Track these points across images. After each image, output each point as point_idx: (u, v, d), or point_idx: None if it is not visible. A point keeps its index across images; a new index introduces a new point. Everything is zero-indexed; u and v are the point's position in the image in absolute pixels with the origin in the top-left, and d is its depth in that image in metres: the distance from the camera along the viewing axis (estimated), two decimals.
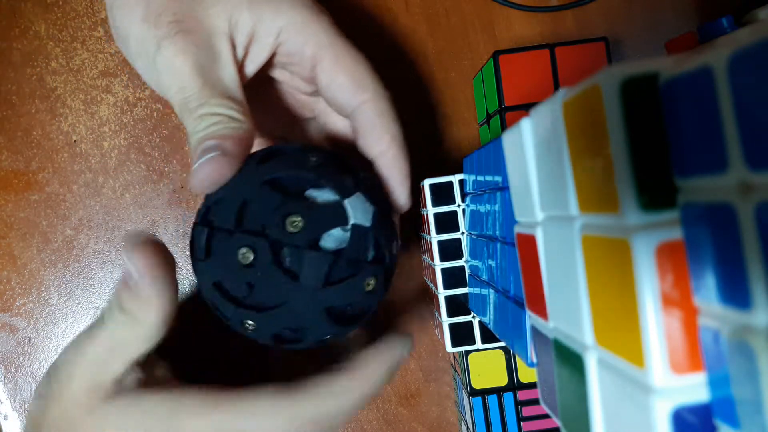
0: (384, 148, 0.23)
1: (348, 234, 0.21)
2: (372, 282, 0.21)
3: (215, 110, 0.21)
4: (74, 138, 0.32)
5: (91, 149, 0.32)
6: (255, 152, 0.22)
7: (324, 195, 0.21)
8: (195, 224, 0.22)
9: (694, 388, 0.11)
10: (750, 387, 0.10)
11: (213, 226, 0.21)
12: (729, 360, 0.10)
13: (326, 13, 0.24)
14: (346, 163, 0.22)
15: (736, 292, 0.10)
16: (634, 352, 0.12)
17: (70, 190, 0.32)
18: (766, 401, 0.09)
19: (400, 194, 0.24)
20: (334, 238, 0.20)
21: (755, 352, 0.10)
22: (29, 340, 0.32)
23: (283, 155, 0.22)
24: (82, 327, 0.32)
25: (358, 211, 0.21)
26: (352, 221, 0.21)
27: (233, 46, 0.22)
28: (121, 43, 0.23)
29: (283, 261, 0.20)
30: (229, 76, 0.22)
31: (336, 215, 0.21)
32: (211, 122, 0.21)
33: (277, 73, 0.26)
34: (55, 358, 0.22)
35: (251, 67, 0.23)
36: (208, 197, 0.22)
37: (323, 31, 0.23)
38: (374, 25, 0.33)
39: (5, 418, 0.32)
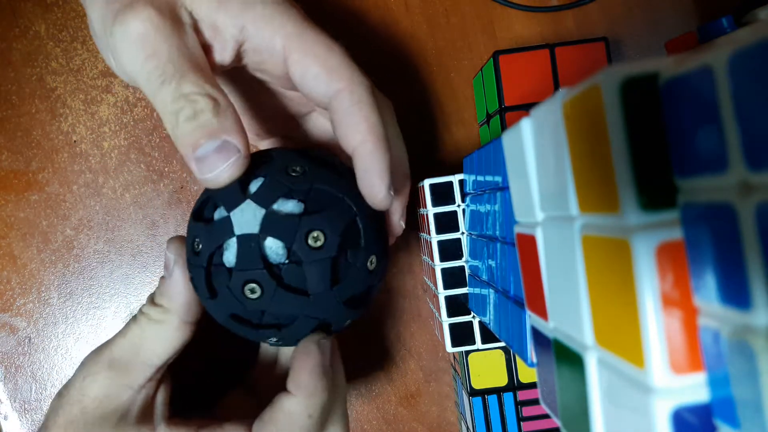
0: (361, 139, 0.21)
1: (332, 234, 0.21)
2: (373, 260, 0.22)
3: (196, 89, 0.19)
4: (74, 138, 0.32)
5: (91, 149, 0.32)
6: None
7: (289, 206, 0.21)
8: (189, 264, 0.22)
9: (694, 388, 0.11)
10: (750, 387, 0.10)
11: (210, 265, 0.21)
12: (729, 360, 0.10)
13: (296, 6, 0.23)
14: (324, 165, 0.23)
15: (736, 292, 0.10)
16: (634, 352, 0.12)
17: (70, 190, 0.32)
18: (766, 401, 0.09)
19: (378, 189, 0.22)
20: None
21: (755, 352, 0.10)
22: (29, 340, 0.32)
23: (266, 176, 0.22)
24: (82, 327, 0.32)
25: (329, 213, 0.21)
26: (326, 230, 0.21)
27: (195, 24, 0.21)
28: (93, 34, 0.22)
29: (287, 282, 0.21)
30: (196, 48, 0.20)
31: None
32: (196, 109, 0.19)
33: (260, 74, 0.25)
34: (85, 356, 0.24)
35: (219, 59, 0.22)
36: (193, 228, 0.22)
37: (291, 22, 0.22)
38: (374, 26, 0.33)
39: (5, 418, 0.32)
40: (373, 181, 0.21)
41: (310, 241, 0.21)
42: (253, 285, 0.20)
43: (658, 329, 0.11)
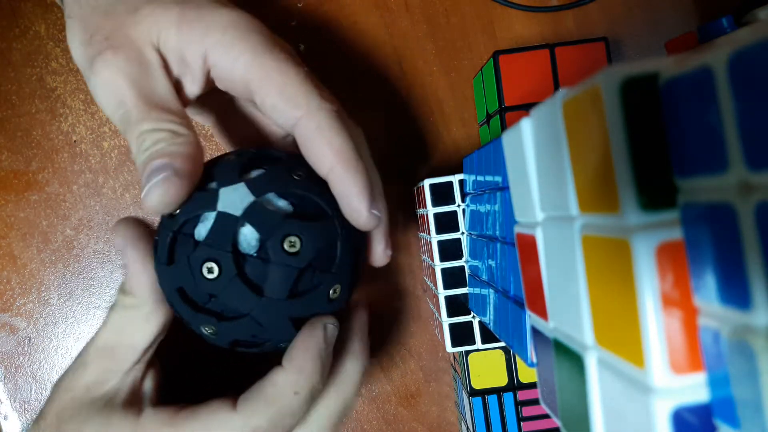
0: (329, 165, 0.21)
1: (310, 242, 0.21)
2: (337, 289, 0.22)
3: (157, 125, 0.20)
4: (74, 138, 0.32)
5: (91, 149, 0.32)
6: (235, 157, 0.22)
7: (280, 203, 0.21)
8: (160, 225, 0.22)
9: (694, 388, 0.11)
10: (750, 387, 0.10)
11: (178, 232, 0.21)
12: (729, 360, 0.10)
13: (257, 29, 0.22)
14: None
15: (736, 292, 0.10)
16: (634, 352, 0.12)
17: (70, 190, 0.32)
18: (766, 401, 0.09)
19: (358, 212, 0.21)
20: (290, 244, 0.20)
21: (755, 352, 0.10)
22: (29, 340, 0.32)
23: (268, 169, 0.22)
24: (82, 327, 0.32)
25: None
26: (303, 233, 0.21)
27: (164, 61, 0.22)
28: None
29: (248, 275, 0.20)
30: (163, 87, 0.21)
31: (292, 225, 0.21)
32: (154, 139, 0.20)
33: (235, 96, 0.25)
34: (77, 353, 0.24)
35: (191, 90, 0.23)
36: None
37: (250, 50, 0.22)
38: (374, 26, 0.33)
39: (5, 418, 0.32)
40: (352, 205, 0.22)
41: (286, 245, 0.20)
42: (213, 264, 0.20)
43: (658, 329, 0.11)
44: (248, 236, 0.20)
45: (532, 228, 0.17)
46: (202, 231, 0.20)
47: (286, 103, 0.21)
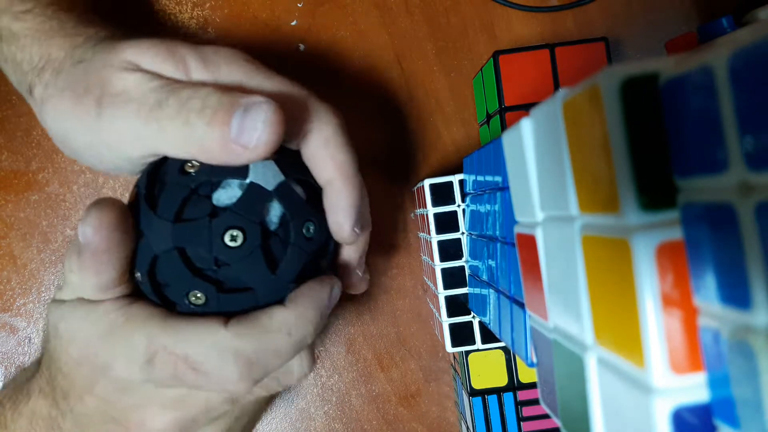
0: (328, 177, 0.22)
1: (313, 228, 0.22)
2: (310, 227, 0.22)
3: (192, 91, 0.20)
4: None
5: None
6: None
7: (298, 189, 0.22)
8: (156, 179, 0.21)
9: (694, 388, 0.11)
10: (750, 387, 0.10)
11: (195, 192, 0.20)
12: (729, 360, 0.10)
13: (245, 58, 0.22)
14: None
15: (736, 292, 0.10)
16: (634, 352, 0.12)
17: (70, 190, 0.32)
18: (766, 401, 0.09)
19: (343, 226, 0.22)
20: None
21: (755, 352, 0.10)
22: (29, 340, 0.32)
23: (285, 154, 0.22)
24: None
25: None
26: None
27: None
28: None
29: (269, 250, 0.20)
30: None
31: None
32: (200, 99, 0.20)
33: None
34: None
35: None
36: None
37: (249, 75, 0.22)
38: (374, 26, 0.33)
39: None
40: (339, 219, 0.22)
41: (304, 229, 0.21)
42: (238, 233, 0.20)
43: (658, 329, 0.11)
44: (274, 212, 0.21)
45: (532, 228, 0.17)
46: (222, 197, 0.20)
47: (294, 121, 0.22)
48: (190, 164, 0.21)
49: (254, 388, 0.22)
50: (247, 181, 0.20)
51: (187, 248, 0.20)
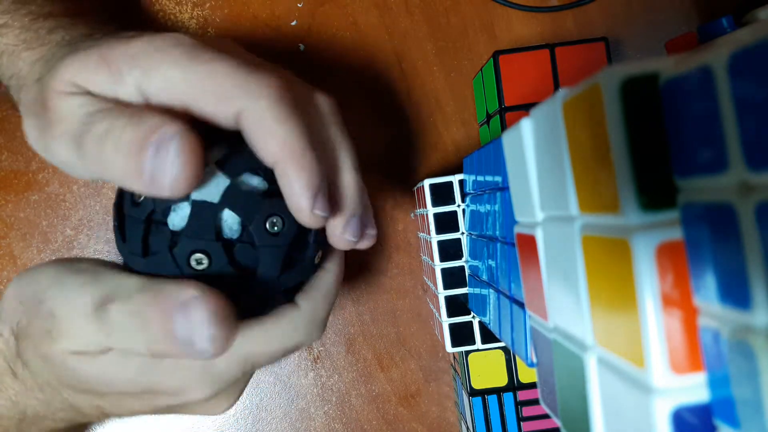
0: (272, 159, 0.19)
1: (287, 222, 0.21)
2: (320, 254, 0.23)
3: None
4: None
5: None
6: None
7: (254, 181, 0.20)
8: (121, 211, 0.20)
9: (694, 388, 0.11)
10: (750, 387, 0.10)
11: (150, 221, 0.20)
12: (729, 360, 0.10)
13: (176, 43, 0.20)
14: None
15: (736, 292, 0.10)
16: (634, 352, 0.12)
17: (70, 190, 0.32)
18: (766, 401, 0.09)
19: (301, 209, 0.20)
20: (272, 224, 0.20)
21: (755, 352, 0.10)
22: None
23: (231, 145, 0.21)
24: None
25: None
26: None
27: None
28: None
29: (238, 260, 0.20)
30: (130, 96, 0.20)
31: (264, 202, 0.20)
32: (108, 125, 0.19)
33: None
34: None
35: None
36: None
37: (174, 67, 0.20)
38: (374, 26, 0.33)
39: None
40: (294, 201, 0.20)
41: (268, 225, 0.20)
42: (201, 256, 0.19)
43: (658, 329, 0.11)
44: (229, 222, 0.20)
45: (532, 228, 0.17)
46: (176, 220, 0.19)
47: (224, 104, 0.19)
48: (137, 194, 0.20)
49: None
50: (191, 199, 0.19)
51: (169, 275, 0.20)
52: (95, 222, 0.32)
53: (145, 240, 0.20)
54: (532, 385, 0.27)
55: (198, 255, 0.19)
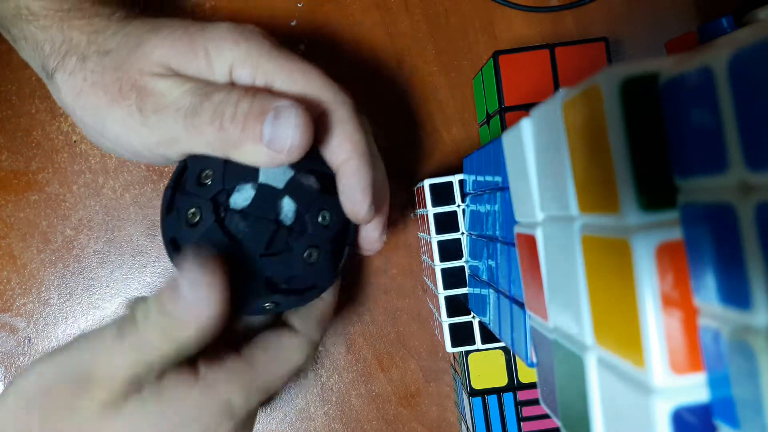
0: (345, 157, 0.22)
1: (291, 203, 0.22)
2: (314, 254, 0.22)
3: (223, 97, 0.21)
4: (74, 138, 0.32)
5: (91, 149, 0.32)
6: None
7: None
8: (183, 190, 0.22)
9: (694, 388, 0.11)
10: (750, 387, 0.10)
11: (178, 186, 0.22)
12: (729, 360, 0.10)
13: (264, 35, 0.23)
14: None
15: (736, 292, 0.10)
16: (634, 352, 0.12)
17: (70, 190, 0.32)
18: (766, 401, 0.09)
19: (360, 205, 0.22)
20: (280, 207, 0.22)
21: (755, 352, 0.10)
22: (29, 340, 0.32)
23: None
24: (82, 327, 0.32)
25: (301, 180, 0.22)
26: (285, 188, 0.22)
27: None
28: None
29: (228, 224, 0.21)
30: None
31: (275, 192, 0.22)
32: (231, 103, 0.21)
33: None
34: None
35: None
36: (203, 160, 0.22)
37: (267, 56, 0.22)
38: (374, 26, 0.33)
39: None
40: (356, 198, 0.22)
41: (320, 218, 0.22)
42: (195, 210, 0.21)
43: (658, 329, 0.11)
44: (286, 208, 0.21)
45: (532, 228, 0.17)
46: (238, 200, 0.21)
47: (308, 101, 0.22)
48: (205, 174, 0.21)
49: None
50: (258, 183, 0.21)
51: (275, 274, 0.22)
52: (95, 222, 0.32)
53: (217, 213, 0.21)
54: (532, 385, 0.27)
55: (192, 209, 0.21)
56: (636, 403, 0.12)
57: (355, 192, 0.22)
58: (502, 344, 0.27)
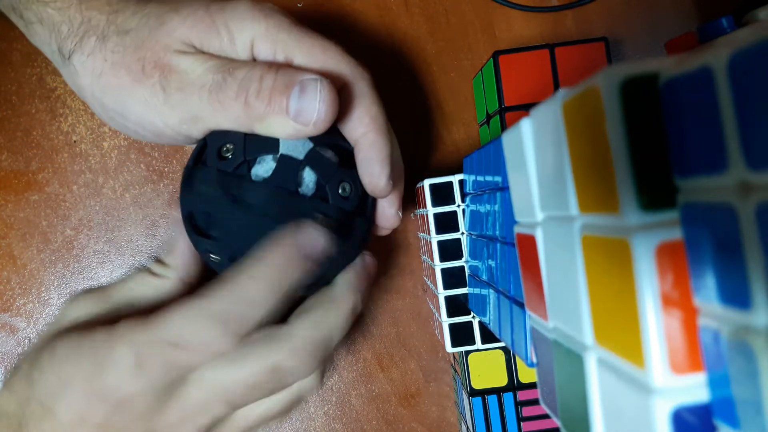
0: (363, 130, 0.23)
1: (309, 171, 0.22)
2: (367, 236, 0.23)
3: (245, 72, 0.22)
4: (74, 138, 0.32)
5: (91, 149, 0.32)
6: None
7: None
8: (204, 165, 0.23)
9: (694, 388, 0.11)
10: (750, 387, 0.10)
11: (199, 161, 0.22)
12: (729, 360, 0.10)
13: (283, 12, 0.23)
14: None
15: (736, 292, 0.10)
16: (634, 352, 0.12)
17: (70, 190, 0.32)
18: (766, 401, 0.09)
19: (379, 177, 0.23)
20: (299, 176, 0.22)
21: (755, 352, 0.10)
22: (29, 340, 0.32)
23: None
24: None
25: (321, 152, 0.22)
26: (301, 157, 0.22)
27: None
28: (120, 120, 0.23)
29: (239, 194, 0.21)
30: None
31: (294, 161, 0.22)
32: (256, 79, 0.21)
33: None
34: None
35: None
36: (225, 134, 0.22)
37: (287, 33, 0.22)
38: (374, 25, 0.33)
39: None
40: (374, 170, 0.23)
41: (340, 189, 0.22)
42: (210, 182, 0.21)
43: (658, 329, 0.11)
44: (307, 179, 0.22)
45: (532, 228, 0.17)
46: (260, 171, 0.21)
47: (329, 76, 0.22)
48: (225, 148, 0.22)
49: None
50: (279, 154, 0.21)
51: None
52: (95, 222, 0.32)
53: (238, 184, 0.21)
54: (532, 385, 0.27)
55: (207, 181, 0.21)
56: (636, 403, 0.12)
57: (374, 164, 0.23)
58: (502, 344, 0.27)
